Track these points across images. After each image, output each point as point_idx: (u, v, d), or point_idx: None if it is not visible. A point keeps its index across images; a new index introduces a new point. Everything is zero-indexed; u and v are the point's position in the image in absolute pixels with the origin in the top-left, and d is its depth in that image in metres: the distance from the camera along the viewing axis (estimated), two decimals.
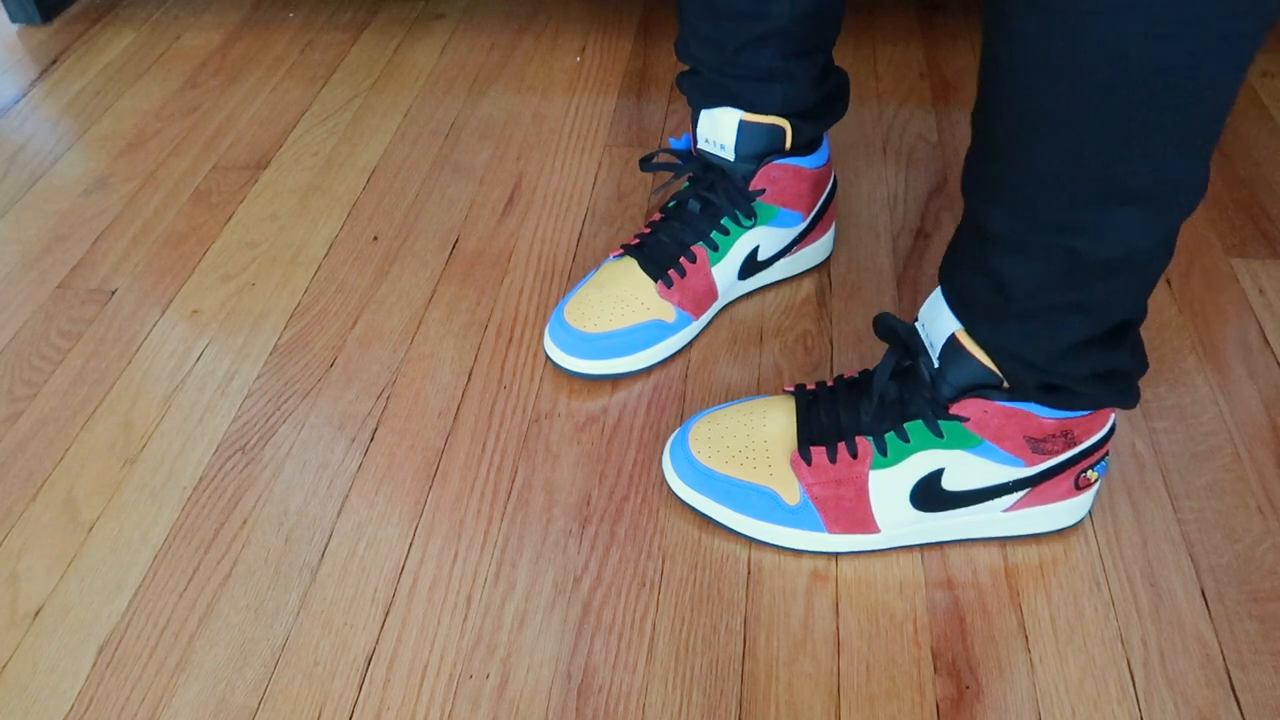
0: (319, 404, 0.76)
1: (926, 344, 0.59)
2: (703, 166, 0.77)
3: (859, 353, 0.77)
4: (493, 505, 0.68)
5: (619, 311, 0.75)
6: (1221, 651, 0.58)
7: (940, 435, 0.58)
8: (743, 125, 0.73)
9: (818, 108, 0.75)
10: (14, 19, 1.27)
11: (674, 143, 0.80)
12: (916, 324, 0.61)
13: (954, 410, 0.57)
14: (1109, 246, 0.49)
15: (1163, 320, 0.79)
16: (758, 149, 0.75)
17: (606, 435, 0.72)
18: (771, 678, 0.58)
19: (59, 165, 1.03)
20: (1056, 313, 0.52)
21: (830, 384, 0.65)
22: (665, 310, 0.76)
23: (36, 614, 0.64)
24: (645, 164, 0.79)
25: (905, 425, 0.59)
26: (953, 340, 0.56)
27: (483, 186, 0.97)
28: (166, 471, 0.72)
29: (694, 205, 0.77)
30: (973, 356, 0.56)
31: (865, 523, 0.62)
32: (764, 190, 0.76)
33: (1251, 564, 0.62)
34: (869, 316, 0.80)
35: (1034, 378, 0.55)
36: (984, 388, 0.57)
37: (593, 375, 0.75)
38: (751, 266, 0.80)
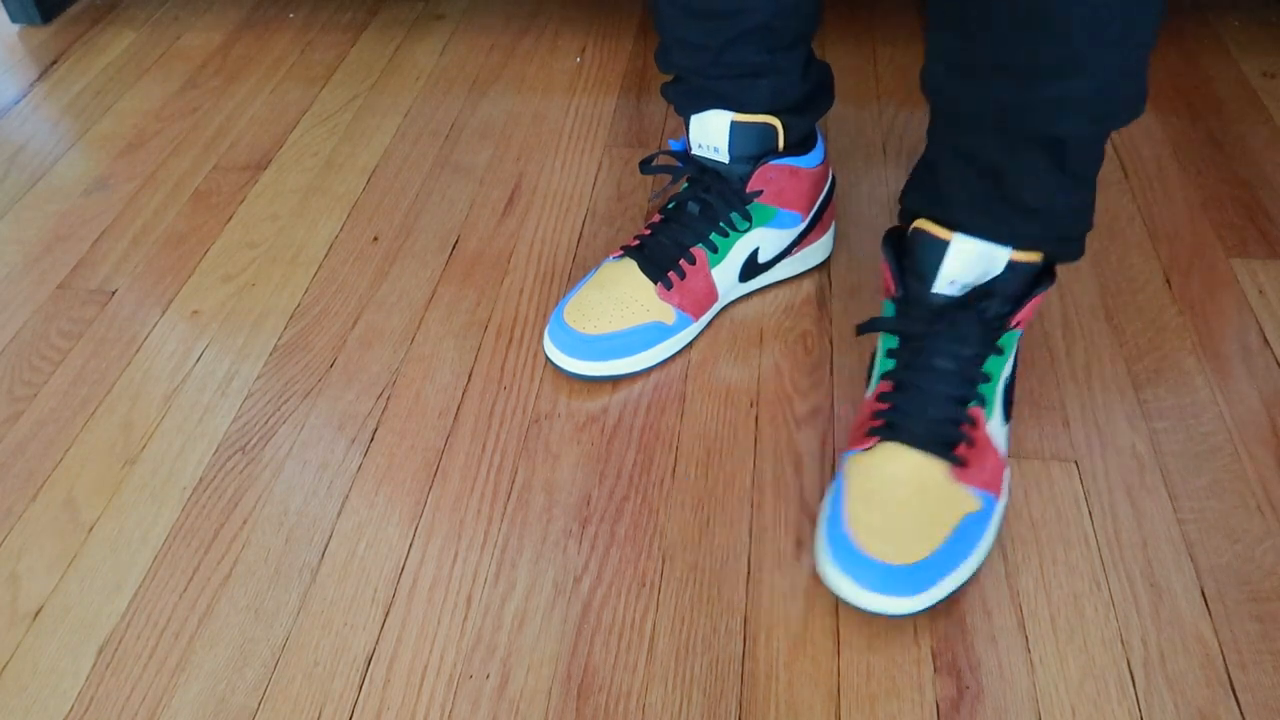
0: (319, 404, 0.76)
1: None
2: (700, 169, 0.77)
3: (859, 353, 0.77)
4: (493, 505, 0.68)
5: (619, 313, 0.75)
6: (1221, 651, 0.58)
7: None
8: (734, 126, 0.73)
9: (805, 101, 0.75)
10: (14, 19, 1.27)
11: (673, 144, 0.80)
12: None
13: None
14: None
15: (1163, 320, 0.79)
16: (752, 149, 0.75)
17: (606, 435, 0.72)
18: (771, 678, 0.58)
19: (59, 165, 1.03)
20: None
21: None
22: (665, 312, 0.75)
23: (36, 614, 0.64)
24: (645, 166, 0.79)
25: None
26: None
27: (483, 187, 0.97)
28: (166, 471, 0.72)
29: (693, 207, 0.77)
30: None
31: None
32: (761, 191, 0.76)
33: (1251, 564, 0.62)
34: (869, 316, 0.80)
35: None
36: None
37: (592, 377, 0.75)
38: (752, 269, 0.80)
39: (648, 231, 0.79)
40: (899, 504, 0.59)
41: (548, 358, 0.76)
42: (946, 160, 0.63)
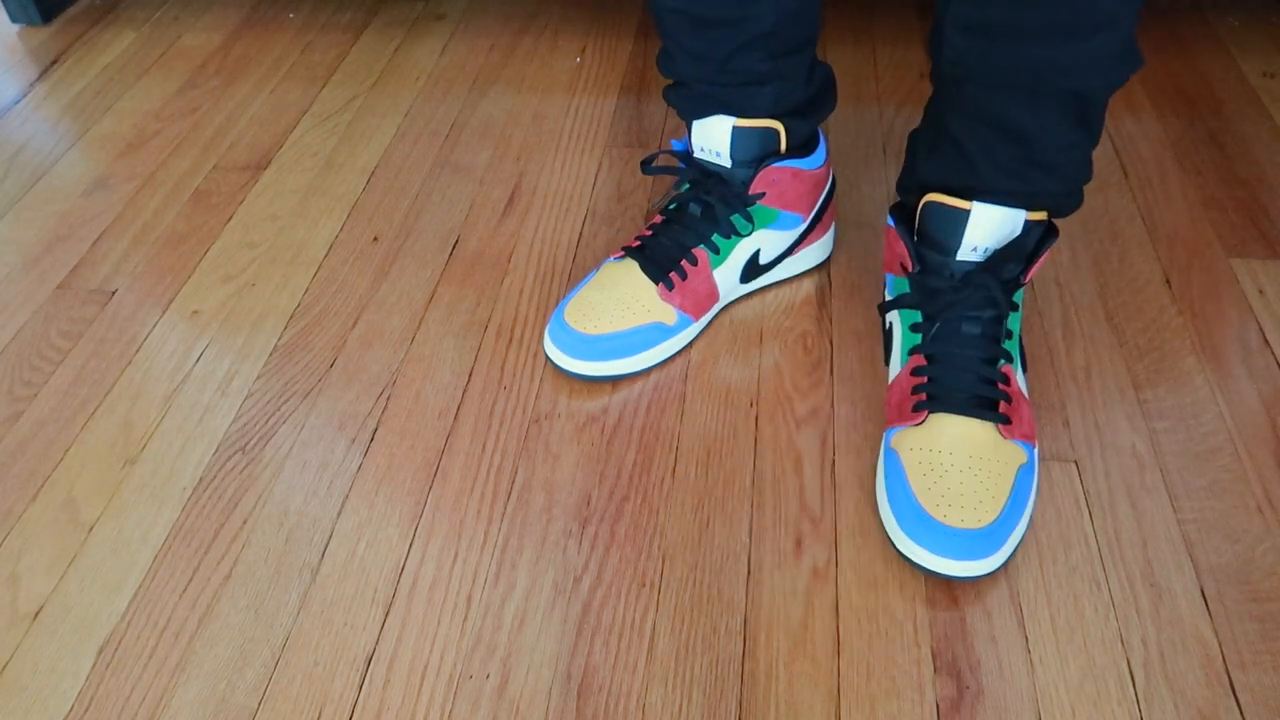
0: (319, 404, 0.76)
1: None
2: (702, 172, 0.77)
3: (859, 353, 0.77)
4: (493, 505, 0.68)
5: (620, 313, 0.75)
6: (1221, 651, 0.58)
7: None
8: (736, 131, 0.73)
9: (808, 104, 0.75)
10: (14, 19, 1.27)
11: (675, 144, 0.80)
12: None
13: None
14: None
15: (1163, 320, 0.79)
16: (754, 153, 0.75)
17: (606, 435, 0.72)
18: (771, 678, 0.58)
19: (59, 165, 1.03)
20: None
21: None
22: (666, 313, 0.75)
23: (36, 614, 0.64)
24: (646, 166, 0.79)
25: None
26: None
27: (483, 186, 0.97)
28: (166, 471, 0.72)
29: (695, 208, 0.77)
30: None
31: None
32: (764, 194, 0.76)
33: (1251, 564, 0.62)
34: (869, 316, 0.80)
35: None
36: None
37: (593, 377, 0.75)
38: (754, 270, 0.80)
39: (649, 232, 0.79)
40: (961, 471, 0.62)
41: (548, 358, 0.76)
42: (969, 130, 0.64)
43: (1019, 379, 0.67)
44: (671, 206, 0.79)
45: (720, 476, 0.69)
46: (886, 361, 0.72)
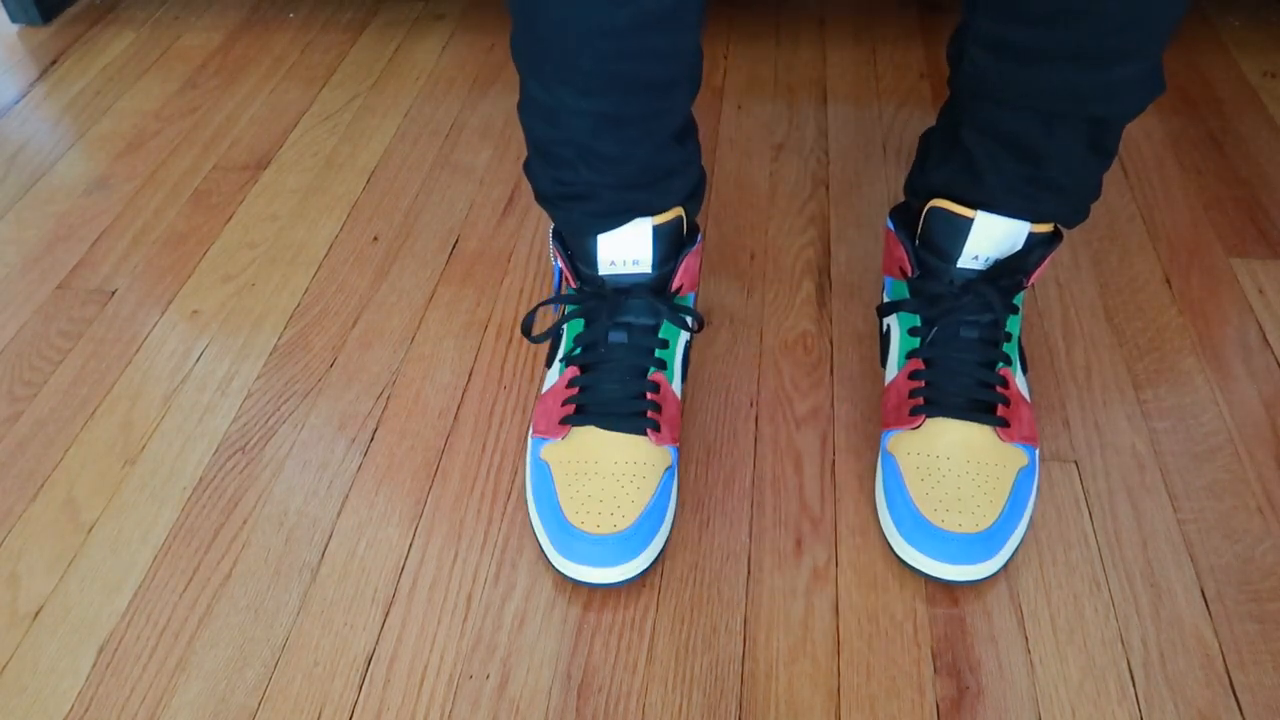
0: (319, 404, 0.76)
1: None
2: (614, 292, 0.66)
3: (859, 353, 0.77)
4: (493, 505, 0.68)
5: (633, 487, 0.63)
6: (1221, 651, 0.58)
7: (1017, 310, 0.67)
8: (656, 230, 0.64)
9: (700, 180, 0.69)
10: (14, 19, 1.27)
11: (556, 282, 0.71)
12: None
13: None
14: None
15: (1163, 320, 0.79)
16: (670, 249, 0.66)
17: None
18: (771, 678, 0.58)
19: (59, 165, 1.03)
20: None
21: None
22: (664, 455, 0.66)
23: (36, 614, 0.64)
24: (533, 334, 0.68)
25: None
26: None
27: (483, 186, 0.97)
28: (166, 471, 0.72)
29: (618, 336, 0.66)
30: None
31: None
32: (682, 285, 0.68)
33: (1251, 564, 0.62)
34: (869, 317, 0.80)
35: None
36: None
37: (643, 572, 0.63)
38: (686, 360, 0.72)
39: (576, 390, 0.67)
40: (959, 475, 0.62)
41: (577, 580, 0.62)
42: (980, 143, 0.62)
43: (1019, 381, 0.67)
44: (576, 351, 0.68)
45: (720, 476, 0.69)
46: (883, 364, 0.72)
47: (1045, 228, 0.64)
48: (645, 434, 0.65)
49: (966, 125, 0.63)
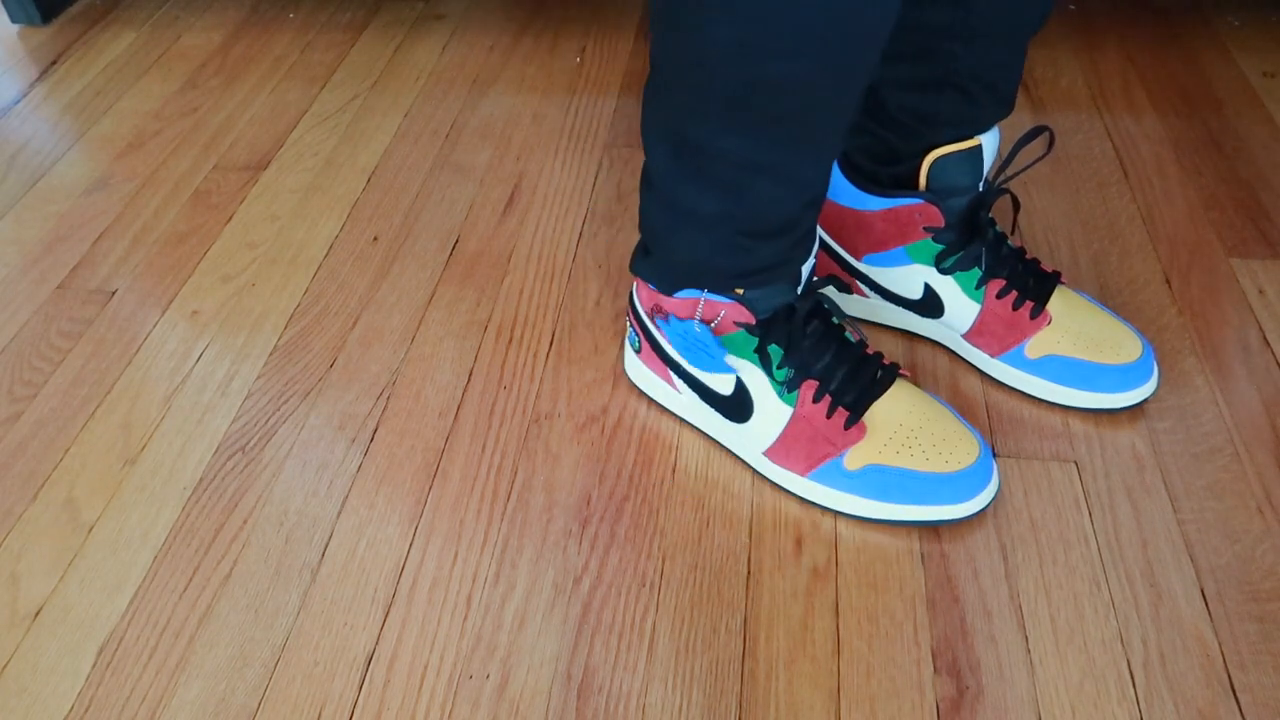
0: (319, 404, 0.76)
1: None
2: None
3: None
4: (493, 505, 0.68)
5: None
6: (1221, 651, 0.58)
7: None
8: None
9: None
10: (14, 19, 1.27)
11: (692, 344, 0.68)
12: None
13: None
14: None
15: (1163, 320, 0.79)
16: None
17: (606, 435, 0.72)
18: (771, 678, 0.58)
19: (59, 165, 1.03)
20: None
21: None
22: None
23: (36, 614, 0.64)
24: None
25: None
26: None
27: (483, 186, 0.97)
28: (166, 471, 0.72)
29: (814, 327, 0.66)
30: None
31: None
32: None
33: (1251, 564, 0.62)
34: None
35: None
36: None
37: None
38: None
39: (828, 399, 0.65)
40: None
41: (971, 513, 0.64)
42: (973, 85, 0.66)
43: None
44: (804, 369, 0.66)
45: (720, 476, 0.69)
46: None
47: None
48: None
49: (958, 73, 0.66)
